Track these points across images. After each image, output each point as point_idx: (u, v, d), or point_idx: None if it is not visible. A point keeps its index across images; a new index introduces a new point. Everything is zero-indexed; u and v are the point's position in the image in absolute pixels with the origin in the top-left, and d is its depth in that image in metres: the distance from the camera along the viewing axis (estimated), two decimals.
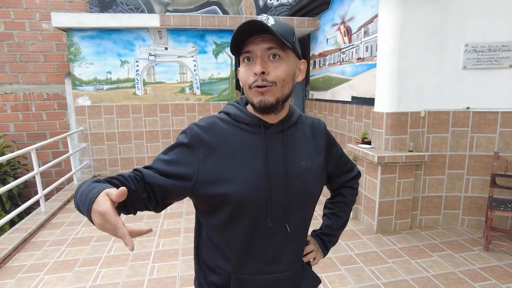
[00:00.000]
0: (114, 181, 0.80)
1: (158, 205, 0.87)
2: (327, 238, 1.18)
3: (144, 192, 0.83)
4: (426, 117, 3.60)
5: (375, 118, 3.75)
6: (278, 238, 0.94)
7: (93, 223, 0.67)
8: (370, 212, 3.70)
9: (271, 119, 0.93)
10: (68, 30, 5.66)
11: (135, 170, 0.87)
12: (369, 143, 3.88)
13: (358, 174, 1.21)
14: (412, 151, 3.58)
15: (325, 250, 1.17)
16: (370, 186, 3.69)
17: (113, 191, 0.66)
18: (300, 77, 0.95)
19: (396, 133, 3.58)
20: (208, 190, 0.87)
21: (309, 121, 1.05)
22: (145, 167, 0.89)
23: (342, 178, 1.17)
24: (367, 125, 4.55)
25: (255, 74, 0.84)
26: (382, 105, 3.62)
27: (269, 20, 0.83)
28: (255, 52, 0.85)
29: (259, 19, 0.82)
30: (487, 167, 3.55)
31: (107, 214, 0.63)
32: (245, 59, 0.87)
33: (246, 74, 0.87)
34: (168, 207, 4.80)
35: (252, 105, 0.89)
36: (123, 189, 0.64)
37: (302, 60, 0.94)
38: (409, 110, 3.57)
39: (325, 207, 1.25)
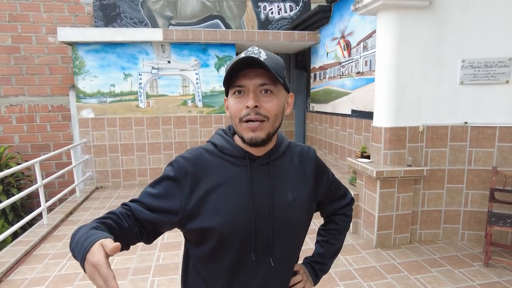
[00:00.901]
0: (108, 222, 0.81)
1: (150, 237, 0.90)
2: (318, 267, 1.16)
3: (136, 227, 0.86)
4: (424, 131, 3.63)
5: (374, 132, 3.78)
6: (263, 270, 0.95)
7: (84, 270, 0.68)
8: (370, 226, 3.71)
9: (258, 151, 0.94)
10: (73, 44, 5.79)
11: (124, 204, 0.89)
12: (368, 157, 3.91)
13: (352, 201, 1.20)
14: (410, 166, 3.60)
15: (316, 279, 1.15)
16: (369, 200, 3.71)
17: (108, 243, 0.66)
18: (288, 110, 0.97)
19: (394, 147, 3.61)
20: (193, 224, 0.89)
21: (298, 149, 1.05)
22: (133, 201, 0.91)
23: (335, 205, 1.15)
24: (367, 139, 4.58)
25: (247, 107, 0.85)
26: (381, 120, 3.65)
27: (261, 54, 0.85)
28: (247, 87, 0.86)
29: (252, 55, 0.84)
30: (486, 181, 3.56)
31: (100, 265, 0.63)
32: (236, 92, 0.88)
33: (237, 107, 0.87)
34: None
35: (242, 138, 0.90)
36: (117, 245, 0.65)
37: (290, 93, 0.97)
38: (408, 125, 3.61)
39: (318, 234, 1.23)
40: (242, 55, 0.86)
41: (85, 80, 5.90)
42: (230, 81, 0.89)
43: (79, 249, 0.70)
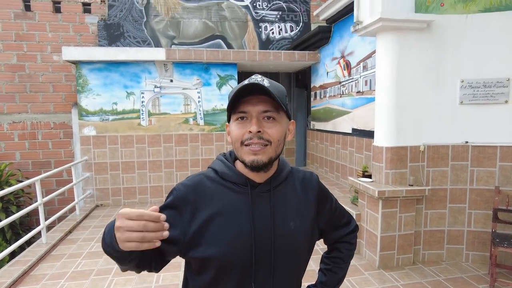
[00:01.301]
0: None
1: (157, 264, 0.90)
2: None
3: (149, 251, 0.86)
4: (425, 151, 3.63)
5: (375, 152, 3.79)
6: None
7: (116, 245, 0.73)
8: (372, 246, 3.66)
9: (259, 177, 0.93)
10: (77, 63, 5.88)
11: None
12: (369, 176, 3.90)
13: (356, 228, 1.18)
14: (412, 185, 3.59)
15: None
16: (371, 220, 3.67)
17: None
18: (289, 137, 0.97)
19: (396, 167, 3.60)
20: (194, 253, 0.88)
21: (301, 175, 1.04)
22: None
23: (339, 232, 1.13)
24: (368, 157, 4.58)
25: (250, 132, 0.86)
26: (382, 140, 3.67)
27: (264, 82, 0.86)
28: (250, 113, 0.87)
29: (256, 82, 0.85)
30: (488, 201, 3.54)
31: (127, 212, 0.69)
32: (239, 118, 0.89)
33: (239, 132, 0.88)
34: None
35: (243, 162, 0.89)
36: (155, 207, 0.72)
37: (292, 121, 0.97)
38: (408, 144, 3.62)
39: (321, 262, 1.20)
40: (246, 82, 0.87)
41: (88, 98, 5.96)
42: (233, 107, 0.89)
43: (110, 229, 0.77)
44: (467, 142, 3.58)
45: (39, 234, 4.41)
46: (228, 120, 0.94)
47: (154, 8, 6.92)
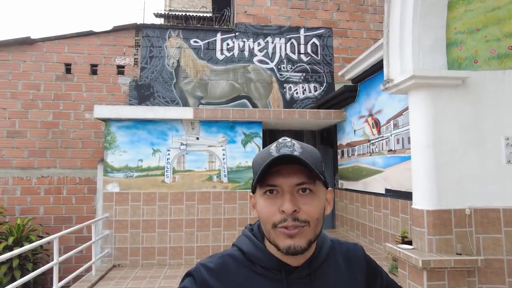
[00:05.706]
0: None
1: None
2: None
3: None
4: (472, 215, 3.28)
5: (414, 215, 3.46)
6: None
7: None
8: None
9: (295, 260, 0.77)
10: (107, 120, 6.07)
11: None
12: (409, 243, 3.52)
13: None
14: (461, 254, 3.18)
15: None
16: None
17: None
18: (328, 209, 0.81)
19: (439, 233, 3.24)
20: None
21: (344, 249, 0.88)
22: None
23: None
24: (405, 221, 4.21)
25: (283, 211, 0.71)
26: (421, 202, 3.36)
27: (295, 147, 0.74)
28: (282, 187, 0.73)
29: (286, 149, 0.73)
30: None
31: None
32: (267, 191, 0.74)
33: (270, 210, 0.73)
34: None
35: (276, 247, 0.74)
36: None
37: (329, 189, 0.82)
38: (452, 207, 3.29)
39: None
40: (274, 150, 0.74)
41: (114, 155, 6.03)
42: (260, 177, 0.74)
43: None
44: None
45: None
46: (253, 191, 0.79)
47: (183, 70, 7.28)
